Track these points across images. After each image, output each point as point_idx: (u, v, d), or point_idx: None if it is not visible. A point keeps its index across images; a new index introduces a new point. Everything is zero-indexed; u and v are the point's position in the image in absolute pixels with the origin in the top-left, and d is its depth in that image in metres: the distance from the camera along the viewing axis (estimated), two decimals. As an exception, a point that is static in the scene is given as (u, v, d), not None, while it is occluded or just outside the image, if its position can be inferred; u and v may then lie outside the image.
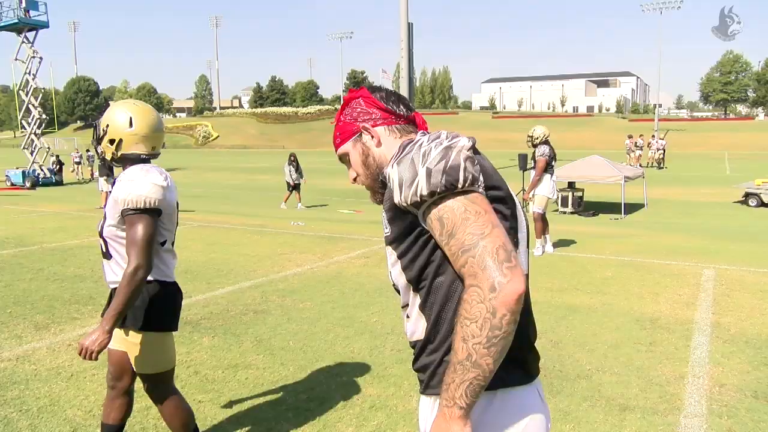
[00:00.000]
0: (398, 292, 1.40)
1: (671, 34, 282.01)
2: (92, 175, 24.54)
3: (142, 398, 3.53)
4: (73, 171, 28.26)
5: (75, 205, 14.82)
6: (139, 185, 2.32)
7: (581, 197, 14.34)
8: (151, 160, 2.53)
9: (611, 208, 14.17)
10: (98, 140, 2.50)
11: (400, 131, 1.42)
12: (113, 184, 2.44)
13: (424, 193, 1.18)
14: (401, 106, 1.44)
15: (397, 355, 4.24)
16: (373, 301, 5.64)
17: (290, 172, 15.50)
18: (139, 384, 2.61)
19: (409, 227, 1.27)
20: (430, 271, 1.27)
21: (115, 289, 2.45)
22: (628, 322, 5.05)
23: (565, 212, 13.88)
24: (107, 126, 2.46)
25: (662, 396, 3.63)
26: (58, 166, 25.57)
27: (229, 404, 3.50)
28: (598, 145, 48.25)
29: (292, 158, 15.69)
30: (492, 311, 1.07)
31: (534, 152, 8.13)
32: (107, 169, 14.09)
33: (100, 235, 2.48)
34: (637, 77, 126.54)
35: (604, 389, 3.72)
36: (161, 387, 2.58)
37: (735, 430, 3.21)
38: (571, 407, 3.46)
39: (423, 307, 1.30)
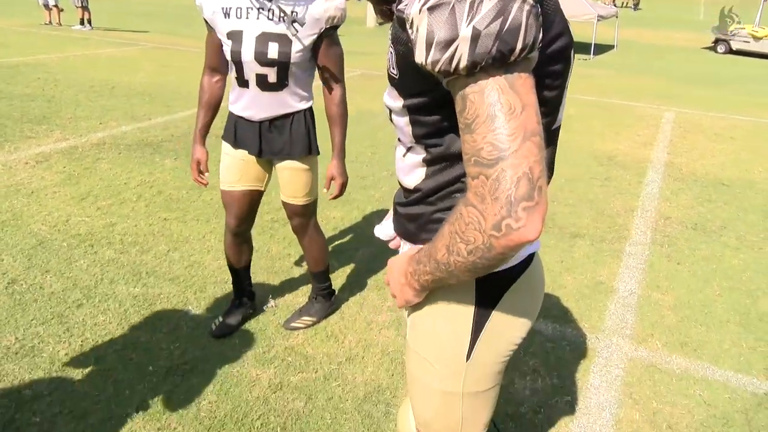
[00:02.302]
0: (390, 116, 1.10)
1: None
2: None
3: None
4: None
5: (16, 19, 13.70)
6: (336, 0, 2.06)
7: (552, 35, 13.97)
8: None
9: (581, 48, 13.91)
10: None
11: None
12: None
13: (465, 64, 0.81)
14: None
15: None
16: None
17: None
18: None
19: (425, 81, 0.93)
20: (445, 135, 1.01)
21: (268, 121, 2.21)
22: (587, 159, 5.19)
23: (534, 50, 13.59)
24: None
25: (611, 226, 3.84)
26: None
27: (195, 222, 3.56)
28: (574, -19, 46.10)
29: None
30: (488, 246, 0.87)
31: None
32: None
33: (272, 63, 2.06)
34: None
35: (557, 218, 3.91)
36: (315, 216, 2.50)
37: (672, 256, 3.47)
38: (526, 233, 3.64)
39: (427, 163, 1.07)
